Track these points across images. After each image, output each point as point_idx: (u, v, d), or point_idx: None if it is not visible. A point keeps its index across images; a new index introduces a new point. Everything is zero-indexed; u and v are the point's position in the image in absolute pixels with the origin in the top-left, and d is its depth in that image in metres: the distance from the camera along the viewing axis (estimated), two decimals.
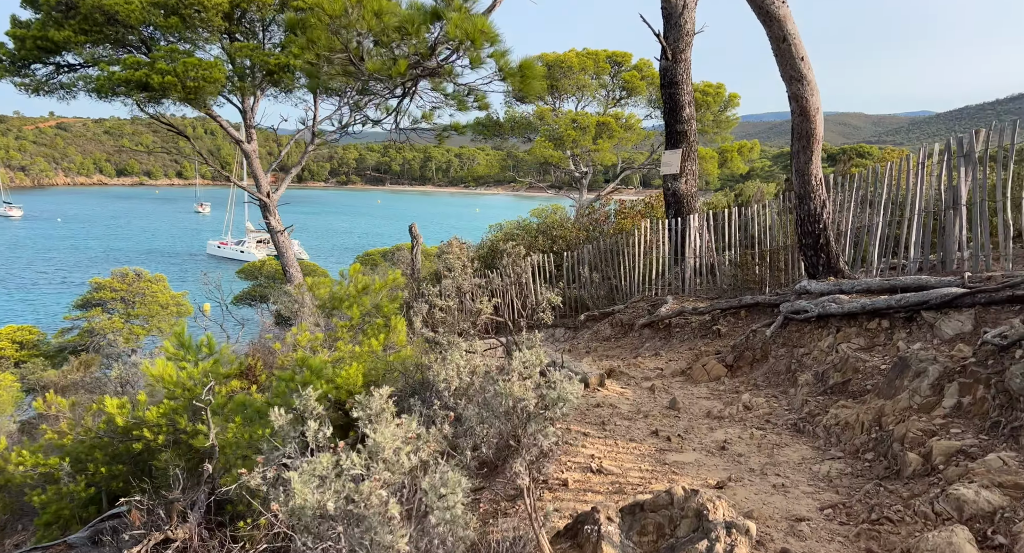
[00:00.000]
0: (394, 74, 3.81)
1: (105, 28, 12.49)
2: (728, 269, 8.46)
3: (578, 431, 3.81)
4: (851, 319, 4.64)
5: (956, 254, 5.73)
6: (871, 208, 6.63)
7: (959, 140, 5.60)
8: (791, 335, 5.06)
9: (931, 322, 4.15)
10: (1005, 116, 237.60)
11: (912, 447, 3.01)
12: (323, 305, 6.60)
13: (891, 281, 4.82)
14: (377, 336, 6.36)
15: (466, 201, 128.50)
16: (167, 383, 5.54)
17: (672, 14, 8.87)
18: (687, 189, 9.35)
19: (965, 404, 3.15)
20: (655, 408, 4.43)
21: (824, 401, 4.00)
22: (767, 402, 4.24)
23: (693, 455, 3.47)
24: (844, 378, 4.08)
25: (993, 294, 3.95)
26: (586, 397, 4.69)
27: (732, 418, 4.13)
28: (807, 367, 4.59)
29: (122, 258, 51.82)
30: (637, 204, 13.46)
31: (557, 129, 23.53)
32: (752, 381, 4.94)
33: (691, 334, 7.12)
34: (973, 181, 5.50)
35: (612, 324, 8.93)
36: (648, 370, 5.88)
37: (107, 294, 23.72)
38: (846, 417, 3.59)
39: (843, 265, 5.53)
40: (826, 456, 3.35)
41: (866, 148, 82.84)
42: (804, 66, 4.86)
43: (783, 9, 4.69)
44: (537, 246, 12.54)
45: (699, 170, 24.09)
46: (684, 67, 8.98)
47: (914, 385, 3.39)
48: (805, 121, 5.11)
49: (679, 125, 9.14)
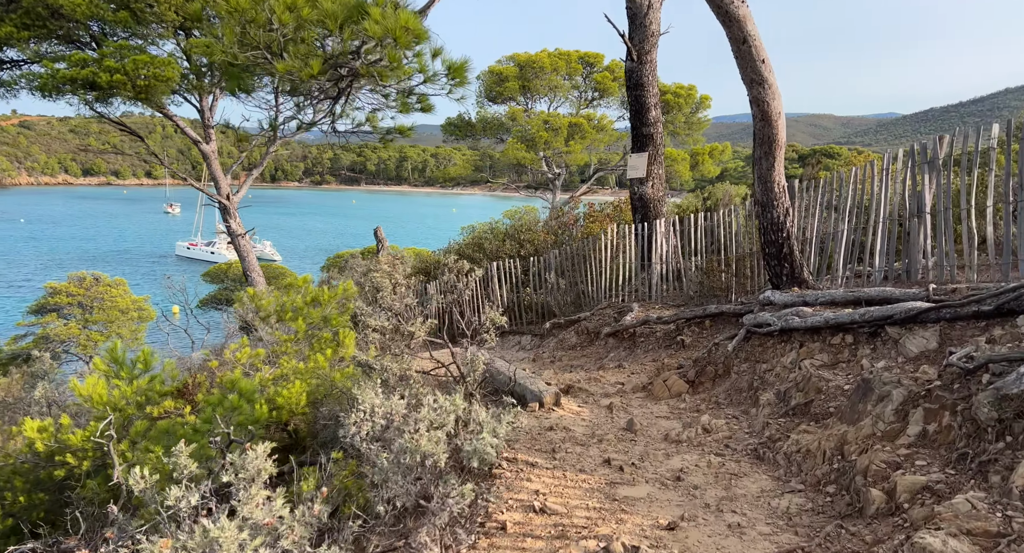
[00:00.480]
0: (305, 76, 3.48)
1: (49, 23, 11.87)
2: (695, 275, 8.28)
3: (525, 461, 3.54)
4: (814, 334, 4.45)
5: (921, 262, 5.59)
6: (836, 213, 6.49)
7: (923, 146, 5.46)
8: (754, 349, 4.86)
9: (895, 338, 3.96)
10: (969, 118, 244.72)
11: (876, 481, 2.79)
12: (267, 318, 6.24)
13: (855, 293, 4.64)
14: (324, 351, 6.00)
15: (442, 201, 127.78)
16: (96, 403, 5.12)
17: (637, 15, 8.66)
18: (654, 193, 9.15)
19: (931, 432, 2.95)
20: (611, 431, 4.18)
21: (786, 424, 3.79)
22: (727, 424, 4.02)
23: (646, 488, 3.22)
24: (806, 399, 3.87)
25: (958, 309, 3.78)
26: (539, 419, 4.42)
27: (690, 442, 3.90)
28: (769, 384, 4.38)
29: (88, 259, 50.30)
30: (606, 207, 13.27)
31: (529, 130, 23.29)
32: (713, 398, 4.72)
33: (655, 344, 6.90)
34: (937, 188, 5.36)
35: (578, 332, 8.69)
36: (609, 385, 5.63)
37: (63, 299, 22.84)
38: (807, 443, 3.37)
39: (807, 275, 5.35)
40: (786, 488, 3.13)
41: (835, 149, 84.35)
42: (765, 69, 4.66)
43: (742, 9, 4.47)
44: (504, 251, 12.26)
45: (670, 172, 23.97)
46: (650, 68, 8.77)
47: (877, 410, 3.19)
48: (767, 126, 4.91)
49: (645, 128, 8.94)
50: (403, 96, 5.61)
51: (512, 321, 11.29)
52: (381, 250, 14.78)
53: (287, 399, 5.15)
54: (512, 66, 24.26)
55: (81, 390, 5.05)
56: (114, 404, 5.10)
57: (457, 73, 4.47)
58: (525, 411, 4.60)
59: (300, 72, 3.34)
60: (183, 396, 5.65)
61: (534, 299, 10.75)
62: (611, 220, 12.24)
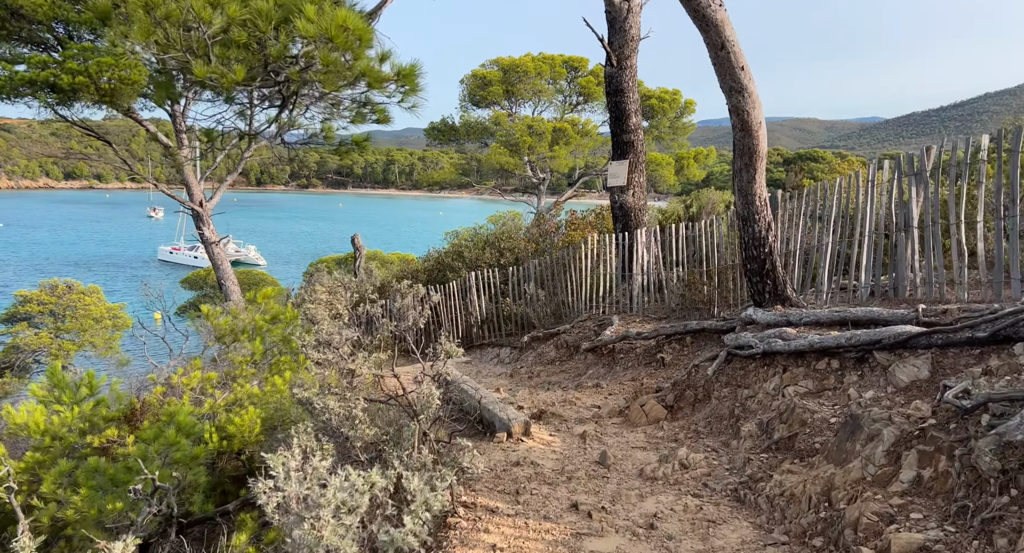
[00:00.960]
0: (228, 83, 3.13)
1: (9, 24, 11.41)
2: (677, 287, 8.01)
3: (485, 507, 3.22)
4: (799, 357, 4.18)
5: (909, 277, 5.36)
6: (821, 223, 6.26)
7: (909, 156, 5.23)
8: (735, 373, 4.58)
9: (884, 364, 3.70)
10: (950, 122, 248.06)
11: (867, 537, 2.51)
12: (222, 337, 5.87)
13: (841, 313, 4.38)
14: (283, 373, 5.65)
15: (430, 205, 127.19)
16: (33, 432, 4.74)
17: (616, 19, 8.40)
18: (635, 202, 8.89)
19: (926, 478, 2.67)
20: (583, 465, 3.88)
21: (768, 460, 3.50)
22: (706, 459, 3.72)
23: (615, 539, 2.92)
24: (791, 432, 3.59)
25: (951, 335, 3.52)
26: (506, 451, 4.10)
27: (667, 479, 3.60)
28: (751, 413, 4.10)
29: (69, 264, 49.36)
30: (588, 214, 13.00)
31: (513, 134, 23.01)
32: (693, 426, 4.44)
33: (635, 361, 6.62)
34: (925, 200, 5.13)
35: (557, 346, 8.39)
36: (584, 409, 5.33)
37: (34, 307, 22.22)
38: (792, 486, 3.09)
39: (791, 292, 5.09)
40: (768, 540, 2.84)
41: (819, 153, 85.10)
42: (745, 76, 4.39)
43: (720, 13, 4.20)
44: (484, 260, 11.95)
45: (655, 176, 23.76)
46: (630, 73, 8.52)
47: (867, 451, 2.91)
48: (747, 136, 4.64)
49: (625, 135, 8.67)
50: (358, 105, 5.25)
51: (491, 332, 10.98)
52: (359, 258, 14.40)
53: (240, 427, 4.80)
54: (496, 70, 23.99)
55: (15, 418, 4.67)
56: (53, 432, 4.72)
57: (407, 79, 4.10)
58: (492, 442, 4.29)
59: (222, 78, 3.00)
60: (129, 422, 5.27)
61: (514, 310, 10.44)
62: (593, 228, 11.97)
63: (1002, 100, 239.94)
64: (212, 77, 3.04)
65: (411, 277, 13.27)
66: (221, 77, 3.02)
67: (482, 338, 11.07)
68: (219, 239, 15.48)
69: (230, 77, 3.00)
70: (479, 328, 11.08)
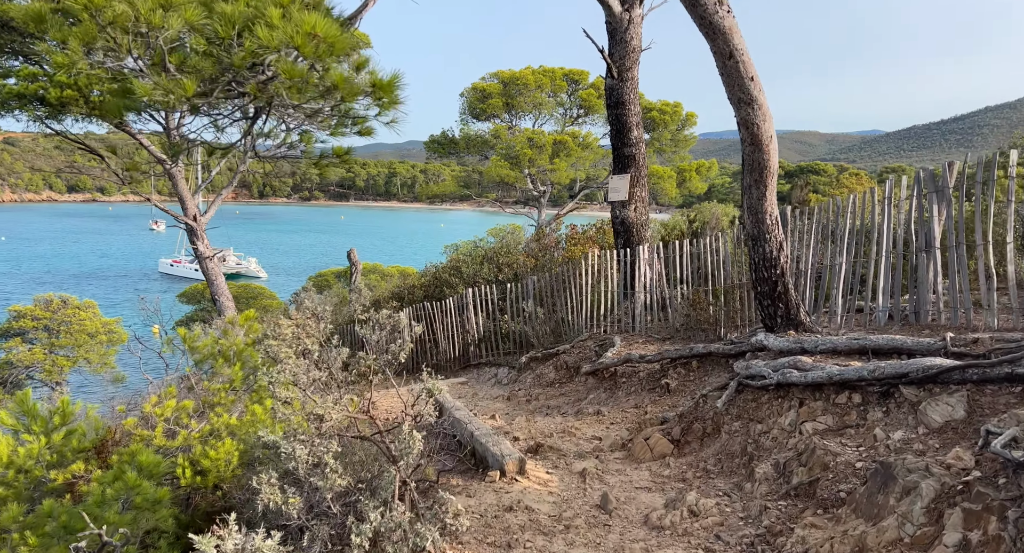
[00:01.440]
0: (176, 98, 2.84)
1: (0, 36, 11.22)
2: (681, 306, 7.69)
3: None
4: (816, 390, 3.85)
5: (931, 300, 5.03)
6: (834, 243, 5.95)
7: (929, 174, 4.93)
8: (747, 405, 4.24)
9: (913, 401, 3.37)
10: (951, 135, 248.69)
11: None
12: (200, 361, 5.55)
13: (860, 341, 4.05)
14: (264, 401, 5.32)
15: (431, 217, 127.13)
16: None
17: (617, 30, 8.16)
18: (636, 217, 8.59)
19: (974, 543, 2.33)
20: (582, 510, 3.53)
21: (787, 509, 3.16)
22: (718, 506, 3.38)
23: None
24: (811, 476, 3.25)
25: (987, 370, 3.19)
26: (499, 493, 3.76)
27: (675, 529, 3.25)
28: (766, 451, 3.76)
29: (70, 277, 49.23)
30: (589, 228, 12.70)
31: (513, 147, 22.81)
32: (702, 464, 4.09)
33: (638, 386, 6.28)
34: (948, 219, 4.82)
35: (556, 367, 8.05)
36: (584, 441, 4.99)
37: (28, 323, 21.95)
38: (817, 544, 2.74)
39: (804, 316, 4.77)
40: None
41: (821, 165, 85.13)
42: (754, 87, 4.10)
43: (728, 20, 3.93)
44: (482, 275, 11.64)
45: (657, 189, 23.51)
46: (631, 85, 8.26)
47: (904, 508, 2.57)
48: (757, 151, 4.34)
49: (627, 148, 8.40)
50: (339, 115, 4.97)
51: (488, 351, 10.64)
52: (355, 273, 14.11)
53: (214, 461, 4.47)
54: (496, 83, 23.86)
55: None
56: (19, 465, 4.38)
57: (385, 91, 3.78)
58: (484, 482, 3.95)
59: (171, 92, 2.72)
60: (100, 454, 4.93)
61: (512, 328, 10.11)
62: (594, 242, 11.67)
63: (1002, 114, 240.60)
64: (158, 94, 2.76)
65: (407, 293, 12.95)
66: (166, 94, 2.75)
67: (479, 357, 10.73)
68: (214, 253, 15.21)
69: (179, 92, 2.73)
70: (476, 346, 10.74)
